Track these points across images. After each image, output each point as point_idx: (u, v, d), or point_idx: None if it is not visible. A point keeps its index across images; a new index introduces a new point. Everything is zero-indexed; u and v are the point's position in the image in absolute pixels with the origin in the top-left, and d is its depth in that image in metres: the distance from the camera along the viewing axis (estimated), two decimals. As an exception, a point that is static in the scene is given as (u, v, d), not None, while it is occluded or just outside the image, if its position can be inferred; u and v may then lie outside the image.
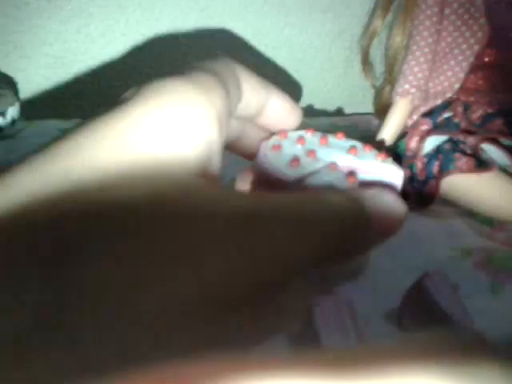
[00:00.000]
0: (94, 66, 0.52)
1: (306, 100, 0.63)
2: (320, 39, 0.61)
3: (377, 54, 0.48)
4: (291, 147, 0.27)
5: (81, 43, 0.51)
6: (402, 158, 0.39)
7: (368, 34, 0.46)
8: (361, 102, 0.60)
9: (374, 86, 0.48)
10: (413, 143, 0.39)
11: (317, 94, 0.62)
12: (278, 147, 0.27)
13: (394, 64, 0.42)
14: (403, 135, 0.40)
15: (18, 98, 0.35)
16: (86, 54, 0.51)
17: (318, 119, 0.56)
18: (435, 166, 0.37)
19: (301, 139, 0.28)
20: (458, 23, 0.38)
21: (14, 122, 0.32)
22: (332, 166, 0.26)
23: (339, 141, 0.29)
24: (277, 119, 0.27)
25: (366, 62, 0.48)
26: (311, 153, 0.27)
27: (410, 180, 0.38)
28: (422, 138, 0.38)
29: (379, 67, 0.47)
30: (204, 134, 0.16)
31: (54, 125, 0.45)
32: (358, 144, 0.29)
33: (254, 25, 0.57)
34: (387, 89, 0.43)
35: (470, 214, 0.37)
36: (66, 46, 0.50)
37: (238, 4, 0.56)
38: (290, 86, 0.61)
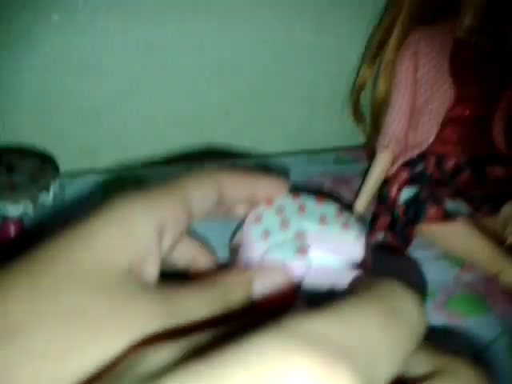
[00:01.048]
0: (121, 118, 0.60)
1: (317, 130, 0.68)
2: (327, 75, 0.66)
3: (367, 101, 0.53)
4: (270, 218, 0.34)
5: (110, 99, 0.59)
6: (384, 202, 0.44)
7: (357, 85, 0.51)
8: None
9: (365, 133, 0.53)
10: (393, 191, 0.44)
11: (327, 125, 0.68)
12: (258, 218, 0.33)
13: (379, 114, 0.48)
14: (386, 182, 0.45)
15: (57, 172, 0.42)
16: (115, 108, 0.59)
17: (319, 156, 0.62)
18: (412, 213, 0.42)
19: (281, 210, 0.34)
20: (430, 84, 0.43)
21: (54, 196, 0.40)
22: (299, 234, 0.33)
23: (317, 206, 0.35)
24: (267, 199, 0.32)
25: (357, 113, 0.53)
26: (284, 224, 0.33)
27: (392, 224, 0.43)
28: (400, 189, 0.43)
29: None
30: (140, 243, 0.23)
31: (89, 181, 0.54)
32: (332, 210, 0.35)
33: (262, 70, 0.63)
34: (374, 136, 0.48)
35: (443, 254, 0.42)
36: (98, 102, 0.59)
37: (247, 53, 0.62)
38: (302, 118, 0.67)
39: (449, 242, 0.41)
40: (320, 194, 0.34)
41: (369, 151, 0.52)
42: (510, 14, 0.44)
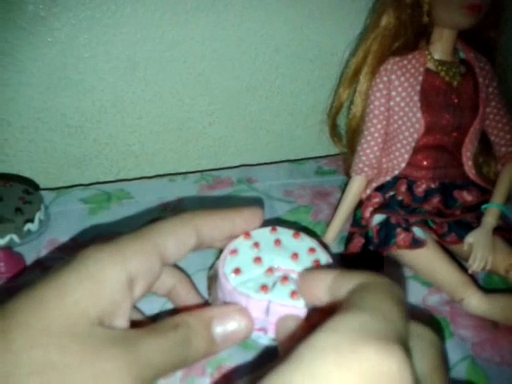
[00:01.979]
0: (109, 131, 0.61)
1: (300, 138, 0.70)
2: (309, 85, 0.67)
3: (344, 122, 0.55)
4: (246, 252, 0.35)
5: (96, 113, 0.60)
6: (359, 224, 0.46)
7: (334, 108, 0.52)
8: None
9: (343, 152, 0.55)
10: (367, 213, 0.46)
11: (309, 134, 0.69)
12: (234, 252, 0.35)
13: (354, 138, 0.49)
14: (360, 204, 0.47)
15: (41, 199, 0.44)
16: (100, 121, 0.60)
17: (301, 167, 0.63)
18: (384, 236, 0.44)
19: (256, 244, 0.36)
20: (400, 114, 0.44)
21: (40, 222, 0.41)
22: (270, 270, 0.34)
23: (292, 241, 0.36)
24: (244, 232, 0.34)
25: (334, 133, 0.55)
26: (258, 259, 0.35)
27: (365, 246, 0.45)
28: (372, 213, 0.45)
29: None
30: (109, 297, 0.24)
31: (75, 195, 0.55)
32: (306, 246, 0.36)
33: (247, 80, 0.64)
34: (350, 157, 0.50)
35: (412, 275, 0.44)
36: (83, 116, 0.60)
37: (232, 64, 0.63)
38: (285, 127, 0.69)
39: (416, 265, 0.43)
40: (297, 228, 0.36)
41: (346, 168, 0.54)
42: (478, 47, 0.45)
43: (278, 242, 0.34)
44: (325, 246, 0.36)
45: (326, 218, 0.51)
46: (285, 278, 0.30)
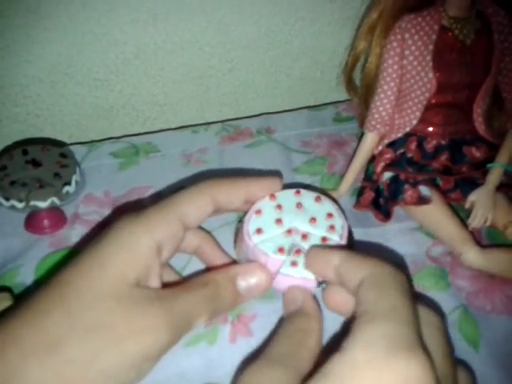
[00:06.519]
0: (133, 83, 0.64)
1: (320, 82, 0.70)
2: (330, 27, 0.67)
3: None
4: (269, 213, 0.39)
5: (120, 66, 0.62)
6: (370, 178, 0.49)
7: (350, 60, 0.53)
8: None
9: (359, 105, 0.56)
10: (378, 168, 0.48)
11: (329, 77, 0.70)
12: (259, 212, 0.39)
13: (368, 93, 0.50)
14: (373, 159, 0.49)
15: (76, 162, 0.48)
16: (125, 73, 0.63)
17: (319, 114, 0.65)
18: (393, 190, 0.47)
19: (279, 206, 0.39)
20: (413, 73, 0.45)
21: (77, 183, 0.46)
22: (289, 231, 0.38)
23: (313, 205, 0.39)
24: (261, 197, 0.37)
25: (351, 87, 0.55)
26: (279, 221, 0.39)
27: (376, 200, 0.48)
28: (383, 169, 0.47)
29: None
30: (143, 263, 0.28)
31: (106, 149, 0.59)
32: (325, 211, 0.38)
33: (267, 25, 0.64)
34: (364, 112, 0.51)
35: (419, 227, 0.47)
36: (108, 69, 0.62)
37: (251, 9, 0.63)
38: (305, 71, 0.69)
39: (421, 219, 0.46)
40: (320, 192, 0.38)
41: (360, 121, 0.55)
42: (495, 4, 0.44)
43: (299, 205, 0.37)
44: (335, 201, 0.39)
45: (340, 170, 0.54)
46: (304, 236, 0.34)
